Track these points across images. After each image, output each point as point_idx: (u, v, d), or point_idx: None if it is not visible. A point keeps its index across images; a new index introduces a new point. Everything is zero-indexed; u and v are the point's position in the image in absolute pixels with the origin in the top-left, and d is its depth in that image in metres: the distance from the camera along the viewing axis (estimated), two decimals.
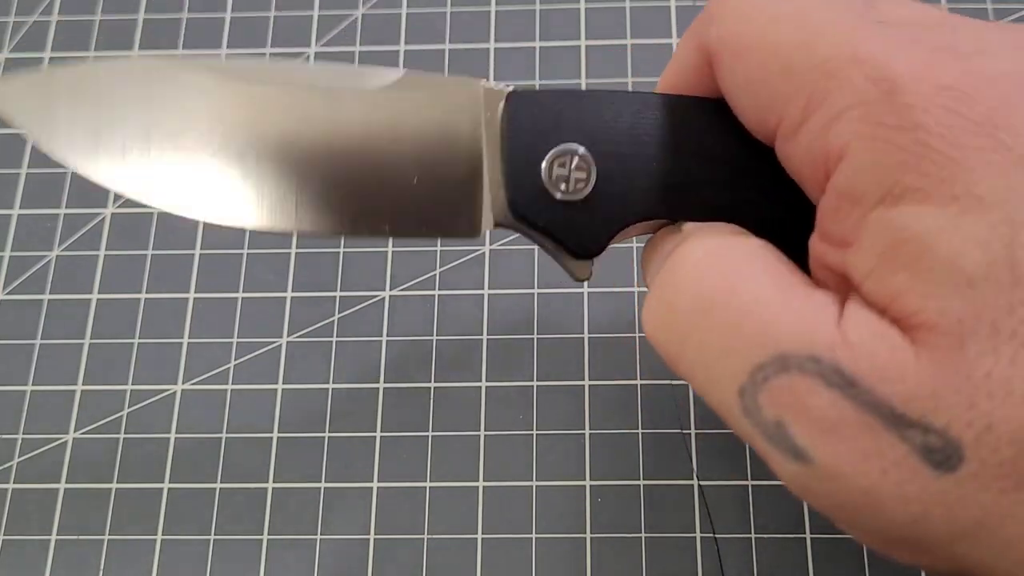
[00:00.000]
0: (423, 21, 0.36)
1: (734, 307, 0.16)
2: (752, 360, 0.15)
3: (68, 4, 0.37)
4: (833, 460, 0.15)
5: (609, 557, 0.28)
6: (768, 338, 0.15)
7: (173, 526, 0.29)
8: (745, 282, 0.16)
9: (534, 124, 0.20)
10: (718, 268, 0.17)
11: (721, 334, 0.16)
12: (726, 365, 0.16)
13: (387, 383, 0.31)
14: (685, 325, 0.17)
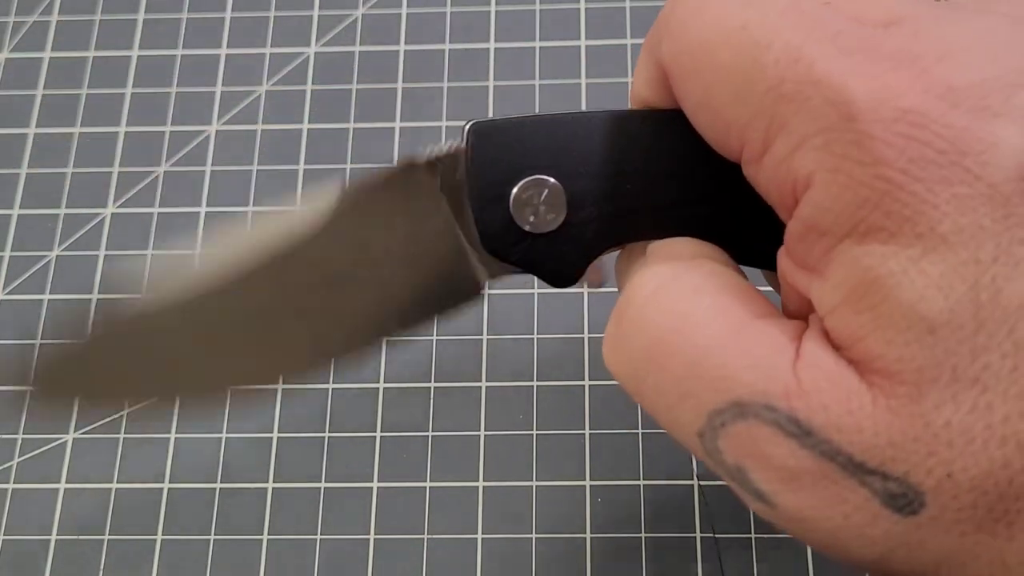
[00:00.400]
0: (423, 21, 0.36)
1: (686, 351, 0.15)
2: (708, 406, 0.15)
3: (68, 4, 0.37)
4: (795, 506, 0.15)
5: (609, 557, 0.28)
6: (723, 383, 0.15)
7: (173, 526, 0.29)
8: (696, 324, 0.15)
9: (498, 156, 0.19)
10: (669, 307, 0.16)
11: (675, 377, 0.15)
12: (683, 409, 0.15)
13: (387, 383, 0.31)
14: (640, 366, 0.16)
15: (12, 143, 0.35)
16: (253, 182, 0.33)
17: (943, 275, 0.13)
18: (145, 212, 0.33)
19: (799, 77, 0.14)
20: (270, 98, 0.35)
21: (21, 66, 0.36)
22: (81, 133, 0.35)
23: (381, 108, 0.34)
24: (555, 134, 0.19)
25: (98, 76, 0.36)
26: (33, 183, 0.34)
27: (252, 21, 0.36)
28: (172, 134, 0.34)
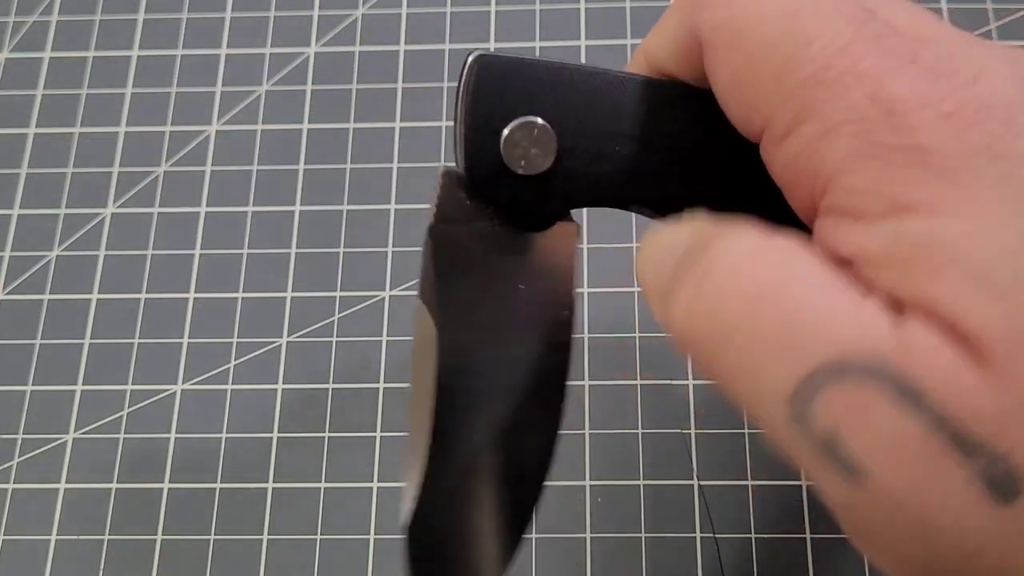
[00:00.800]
0: (423, 21, 0.36)
1: (786, 306, 0.14)
2: (807, 364, 0.14)
3: (68, 4, 0.37)
4: (893, 481, 0.13)
5: (609, 557, 0.28)
6: (826, 340, 0.14)
7: (173, 526, 0.29)
8: (796, 281, 0.15)
9: (498, 92, 0.19)
10: (766, 265, 0.15)
11: (771, 335, 0.14)
12: (776, 369, 0.14)
13: (387, 383, 0.31)
14: (728, 326, 0.15)
15: (12, 143, 0.35)
16: (253, 182, 0.33)
17: (1006, 241, 0.13)
18: (145, 212, 0.33)
19: (843, 68, 0.15)
20: (270, 98, 0.35)
21: (21, 66, 0.36)
22: (81, 133, 0.35)
23: (381, 108, 0.34)
24: (559, 81, 0.19)
25: (98, 76, 0.36)
26: (33, 183, 0.34)
27: (252, 21, 0.36)
28: (172, 134, 0.34)
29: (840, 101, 0.15)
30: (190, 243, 0.33)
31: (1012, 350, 0.13)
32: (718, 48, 0.17)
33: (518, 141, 0.19)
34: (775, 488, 0.29)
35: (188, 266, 0.32)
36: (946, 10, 0.35)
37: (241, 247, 0.33)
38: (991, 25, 0.34)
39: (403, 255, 0.32)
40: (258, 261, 0.32)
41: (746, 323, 0.15)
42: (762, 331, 0.15)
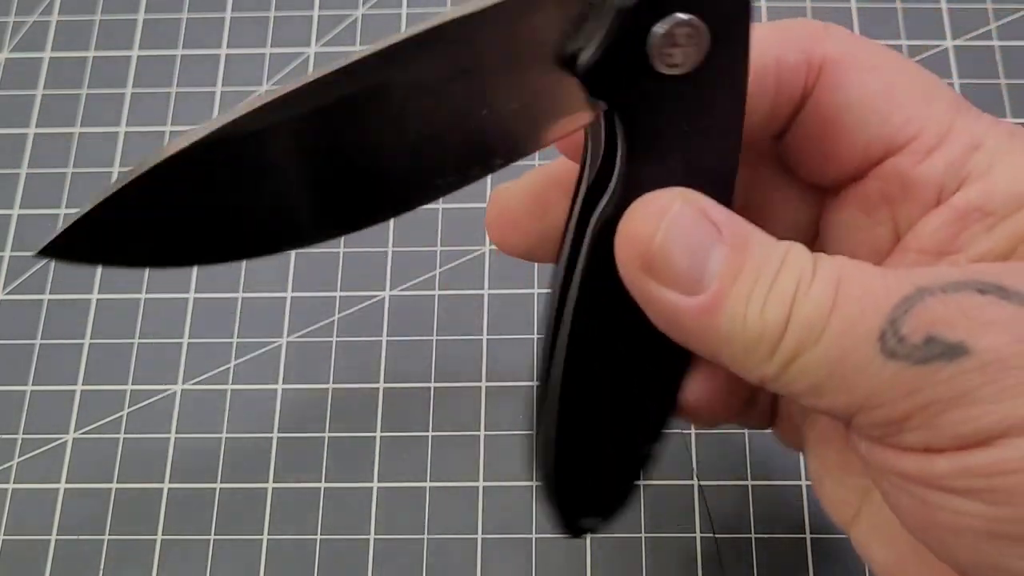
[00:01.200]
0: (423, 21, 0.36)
1: (858, 288, 0.16)
2: (891, 301, 0.16)
3: (68, 4, 0.37)
4: (994, 344, 0.15)
5: (609, 557, 0.28)
6: (902, 282, 0.16)
7: (173, 526, 0.29)
8: (855, 268, 0.17)
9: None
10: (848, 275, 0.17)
11: (851, 308, 0.16)
12: (860, 323, 0.16)
13: (387, 383, 0.31)
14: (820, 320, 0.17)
15: (12, 143, 0.35)
16: None
17: None
18: None
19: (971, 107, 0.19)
20: None
21: (21, 66, 0.36)
22: (81, 133, 0.35)
23: None
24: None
25: (98, 76, 0.36)
26: (33, 183, 0.34)
27: (252, 21, 0.36)
28: (172, 134, 0.34)
29: (978, 124, 0.18)
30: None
31: None
32: (851, 68, 0.19)
33: (671, 38, 0.16)
34: (775, 488, 0.29)
35: (188, 266, 0.32)
36: (946, 10, 0.35)
37: None
38: (991, 25, 0.34)
39: (403, 255, 0.32)
40: (258, 261, 0.32)
41: (833, 317, 0.16)
42: (844, 312, 0.16)
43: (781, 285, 0.17)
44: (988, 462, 0.15)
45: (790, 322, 0.16)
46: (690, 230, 0.17)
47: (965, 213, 0.18)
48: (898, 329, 0.16)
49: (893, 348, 0.16)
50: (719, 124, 0.18)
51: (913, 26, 0.35)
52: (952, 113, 0.18)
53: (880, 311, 0.16)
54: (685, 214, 0.17)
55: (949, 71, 0.34)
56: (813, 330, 0.16)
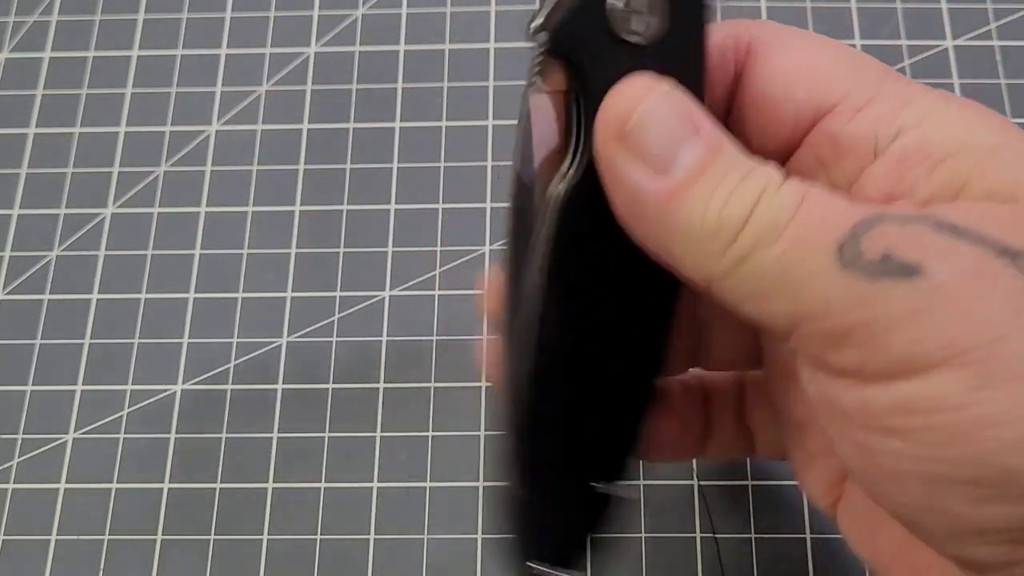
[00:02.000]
0: (423, 21, 0.36)
1: (824, 204, 0.17)
2: (852, 219, 0.16)
3: (68, 4, 0.37)
4: (947, 269, 0.15)
5: (609, 557, 0.28)
6: (860, 209, 0.16)
7: (173, 526, 0.29)
8: (823, 191, 0.17)
9: None
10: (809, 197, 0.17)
11: (814, 217, 0.16)
12: (821, 233, 0.16)
13: (387, 383, 0.31)
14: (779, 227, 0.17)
15: (12, 143, 0.35)
16: (253, 182, 0.33)
17: None
18: (145, 212, 0.33)
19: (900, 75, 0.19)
20: (270, 98, 0.35)
21: (21, 66, 0.36)
22: (81, 133, 0.35)
23: (381, 108, 0.34)
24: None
25: (98, 76, 0.36)
26: (33, 183, 0.34)
27: (252, 21, 0.36)
28: (172, 134, 0.34)
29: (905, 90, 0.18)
30: (190, 243, 0.33)
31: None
32: (779, 47, 0.19)
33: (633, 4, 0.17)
34: (775, 488, 0.29)
35: (188, 266, 0.32)
36: (946, 10, 0.35)
37: (241, 247, 0.33)
38: (991, 25, 0.34)
39: (403, 255, 0.32)
40: (258, 261, 0.32)
41: (794, 221, 0.17)
42: (806, 219, 0.16)
43: (747, 186, 0.17)
44: (925, 395, 0.15)
45: (750, 220, 0.17)
46: (671, 115, 0.17)
47: (903, 158, 0.18)
48: (858, 243, 0.16)
49: (850, 259, 0.16)
50: None
51: (913, 26, 0.35)
52: (880, 78, 0.19)
53: (842, 224, 0.16)
54: (671, 100, 0.18)
55: (949, 71, 0.34)
56: (772, 230, 0.16)
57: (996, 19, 0.35)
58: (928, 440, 0.15)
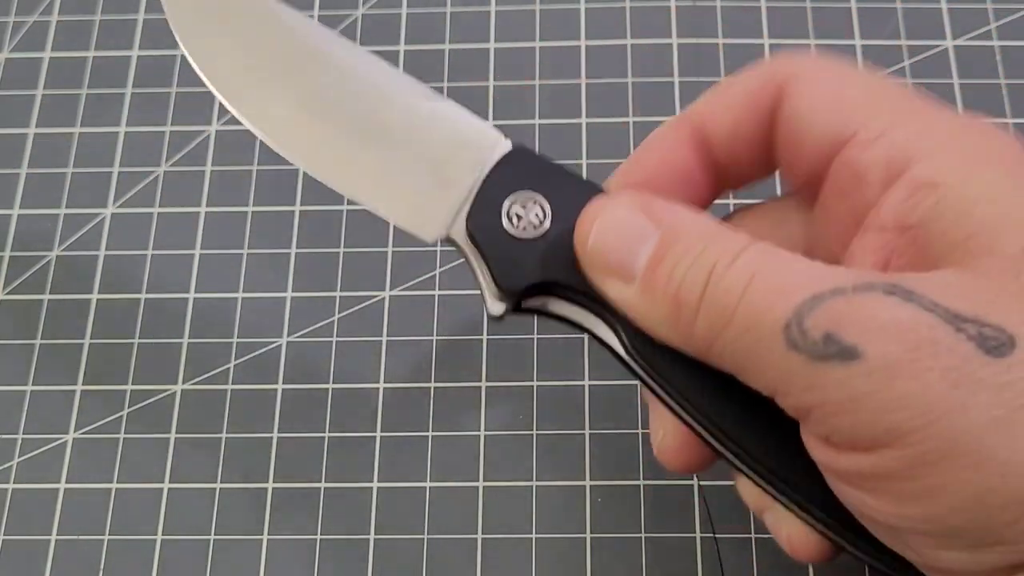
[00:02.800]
0: (423, 21, 0.36)
1: (771, 281, 0.17)
2: (800, 297, 0.17)
3: (68, 4, 0.37)
4: (884, 351, 0.15)
5: (609, 557, 0.28)
6: (805, 285, 0.17)
7: (173, 526, 0.29)
8: (777, 264, 0.18)
9: (518, 172, 0.23)
10: (754, 262, 0.18)
11: (762, 298, 0.17)
12: (766, 314, 0.17)
13: (387, 383, 0.31)
14: (728, 309, 0.17)
15: (12, 143, 0.35)
16: (253, 182, 0.33)
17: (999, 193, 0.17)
18: (145, 212, 0.33)
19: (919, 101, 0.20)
20: None
21: (21, 66, 0.36)
22: (81, 133, 0.35)
23: None
24: (570, 182, 0.22)
25: (98, 76, 0.36)
26: (33, 183, 0.34)
27: None
28: (172, 134, 0.34)
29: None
30: (190, 243, 0.33)
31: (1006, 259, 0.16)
32: (808, 82, 0.20)
33: (517, 208, 0.22)
34: None
35: (188, 266, 0.32)
36: (946, 10, 0.35)
37: (241, 247, 0.33)
38: (991, 25, 0.34)
39: (403, 255, 0.32)
40: (258, 261, 0.32)
41: (742, 303, 0.17)
42: (754, 300, 0.17)
43: (699, 265, 0.18)
44: (877, 467, 0.16)
45: (702, 304, 0.18)
46: (623, 225, 0.19)
47: (915, 189, 0.18)
48: (802, 322, 0.16)
49: (795, 340, 0.16)
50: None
51: (913, 26, 0.35)
52: (899, 104, 0.19)
53: (789, 303, 0.16)
54: (618, 213, 0.19)
55: (949, 71, 0.34)
56: (723, 313, 0.17)
57: (996, 19, 0.35)
58: (888, 499, 0.16)
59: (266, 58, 0.24)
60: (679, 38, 0.35)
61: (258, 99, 0.24)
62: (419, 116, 0.24)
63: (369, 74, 0.24)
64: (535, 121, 0.34)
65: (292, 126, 0.24)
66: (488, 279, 0.23)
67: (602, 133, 0.34)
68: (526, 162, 0.23)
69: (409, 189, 0.23)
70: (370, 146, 0.23)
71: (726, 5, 0.35)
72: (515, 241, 0.22)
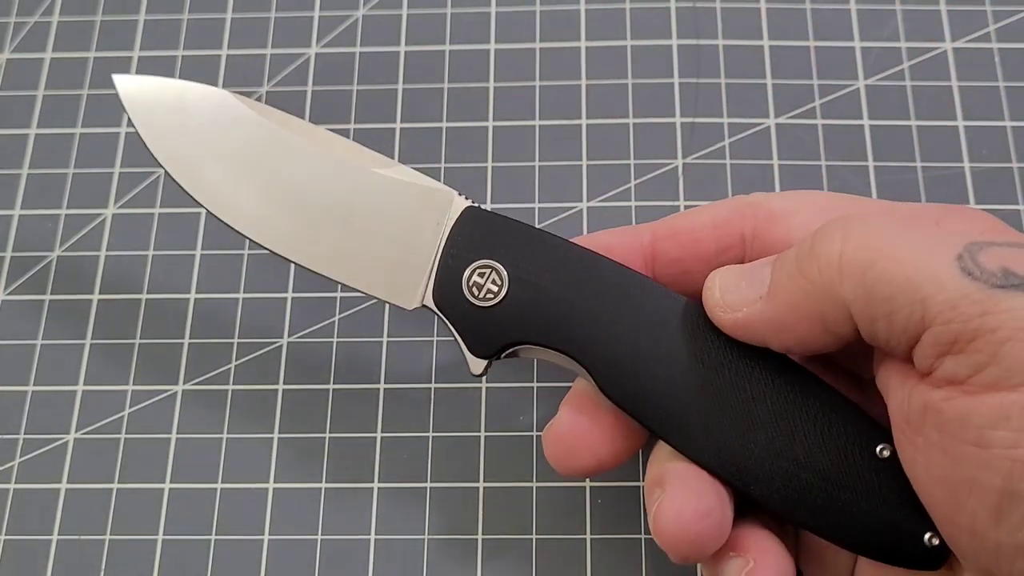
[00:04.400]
0: (423, 21, 0.36)
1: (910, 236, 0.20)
2: (962, 240, 0.19)
3: (68, 4, 0.37)
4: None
5: (609, 557, 0.28)
6: (953, 235, 0.19)
7: (173, 526, 0.29)
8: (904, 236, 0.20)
9: (471, 237, 0.24)
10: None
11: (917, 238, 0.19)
12: (939, 245, 0.19)
13: (387, 383, 0.31)
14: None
15: (13, 143, 0.35)
16: None
17: None
18: (146, 212, 0.33)
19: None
20: (270, 98, 0.35)
21: (22, 66, 0.36)
22: (82, 134, 0.35)
23: (381, 108, 0.34)
24: (525, 240, 0.24)
25: (98, 76, 0.36)
26: (34, 183, 0.34)
27: (252, 21, 0.36)
28: None
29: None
30: (190, 243, 0.33)
31: None
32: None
33: (476, 278, 0.24)
34: None
35: (188, 266, 0.32)
36: (945, 11, 0.35)
37: (241, 247, 0.33)
38: (990, 27, 0.35)
39: None
40: (258, 261, 0.32)
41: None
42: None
43: (820, 240, 0.21)
44: (1016, 404, 0.16)
45: (841, 260, 0.20)
46: (734, 277, 0.23)
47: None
48: (975, 256, 0.18)
49: (970, 269, 0.18)
50: None
51: (912, 28, 0.35)
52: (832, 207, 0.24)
53: (955, 242, 0.18)
54: (730, 271, 0.23)
55: (948, 73, 0.34)
56: (867, 255, 0.19)
57: (995, 21, 0.35)
58: (1015, 455, 0.17)
59: (230, 159, 0.26)
60: (679, 39, 0.35)
61: (232, 200, 0.25)
62: (372, 186, 0.25)
63: (320, 154, 0.26)
64: (535, 122, 0.34)
65: (263, 219, 0.25)
66: (463, 344, 0.24)
67: (602, 134, 0.34)
68: (478, 225, 0.25)
69: (379, 263, 0.25)
70: (334, 226, 0.25)
71: (726, 6, 0.35)
72: (479, 309, 0.24)
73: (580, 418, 0.24)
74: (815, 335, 0.21)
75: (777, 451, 0.22)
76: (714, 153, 0.33)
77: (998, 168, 0.32)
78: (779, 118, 0.33)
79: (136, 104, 0.27)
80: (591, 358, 0.23)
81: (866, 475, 0.21)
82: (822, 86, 0.34)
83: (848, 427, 0.22)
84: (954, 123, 0.33)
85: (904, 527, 0.21)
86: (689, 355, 0.23)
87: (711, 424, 0.22)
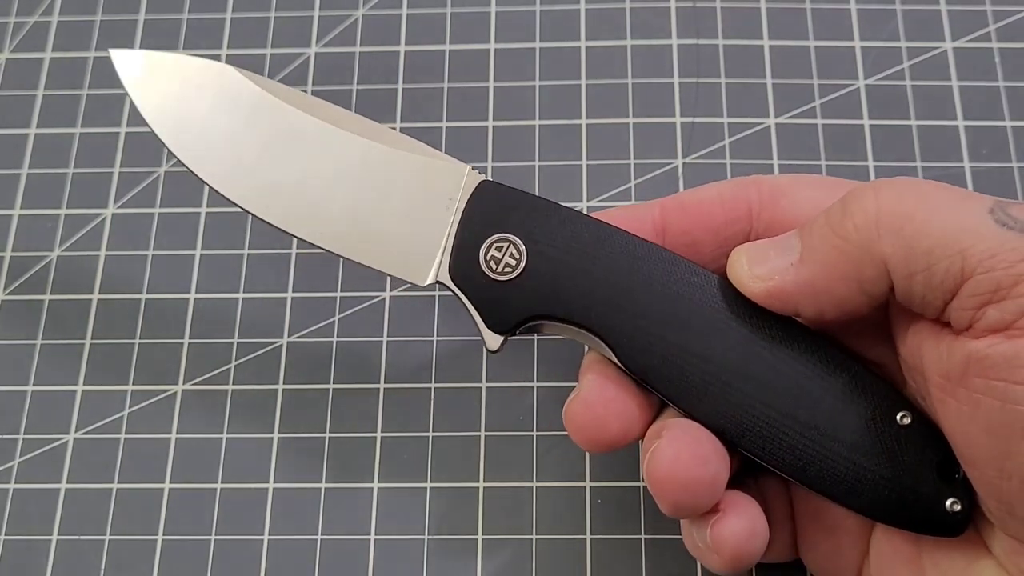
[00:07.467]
0: (423, 21, 0.36)
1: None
2: (990, 198, 0.20)
3: (68, 4, 0.37)
4: None
5: (609, 557, 0.28)
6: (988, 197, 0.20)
7: (173, 526, 0.29)
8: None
9: (487, 212, 0.24)
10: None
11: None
12: (970, 202, 0.20)
13: (387, 383, 0.31)
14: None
15: (13, 143, 0.35)
16: None
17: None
18: (145, 212, 0.33)
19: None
20: None
21: (22, 66, 0.36)
22: (82, 133, 0.35)
23: (381, 108, 0.34)
24: (541, 213, 0.24)
25: (98, 76, 0.36)
26: (34, 183, 0.34)
27: (252, 21, 0.36)
28: None
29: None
30: (190, 243, 0.33)
31: None
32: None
33: (494, 252, 0.24)
34: None
35: (188, 266, 0.32)
36: (945, 11, 0.35)
37: (241, 247, 0.33)
38: (990, 27, 0.35)
39: None
40: (258, 261, 0.32)
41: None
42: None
43: (847, 207, 0.22)
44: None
45: (879, 220, 0.20)
46: (761, 248, 0.23)
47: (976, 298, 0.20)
48: (1005, 209, 0.19)
49: (1004, 220, 0.19)
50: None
51: (912, 27, 0.35)
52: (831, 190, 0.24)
53: (983, 200, 0.19)
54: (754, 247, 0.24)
55: (948, 73, 0.34)
56: (902, 212, 0.20)
57: (995, 21, 0.35)
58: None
59: (232, 133, 0.25)
60: (679, 38, 0.35)
61: (235, 175, 0.25)
62: (381, 161, 0.25)
63: (327, 128, 0.25)
64: (535, 122, 0.34)
65: (268, 194, 0.25)
66: (479, 319, 0.24)
67: (602, 133, 0.34)
68: (494, 199, 0.24)
69: (390, 238, 0.25)
70: (342, 201, 0.25)
71: (726, 6, 0.35)
72: (497, 284, 0.24)
73: (608, 384, 0.24)
74: (851, 295, 0.21)
75: (799, 420, 0.22)
76: (714, 153, 0.33)
77: (998, 168, 0.32)
78: (779, 118, 0.33)
79: (135, 80, 0.26)
80: (611, 330, 0.23)
81: (888, 443, 0.22)
82: (822, 86, 0.34)
83: (869, 395, 0.22)
84: (954, 123, 0.33)
85: (926, 493, 0.21)
86: (710, 325, 0.23)
87: (732, 394, 0.22)
